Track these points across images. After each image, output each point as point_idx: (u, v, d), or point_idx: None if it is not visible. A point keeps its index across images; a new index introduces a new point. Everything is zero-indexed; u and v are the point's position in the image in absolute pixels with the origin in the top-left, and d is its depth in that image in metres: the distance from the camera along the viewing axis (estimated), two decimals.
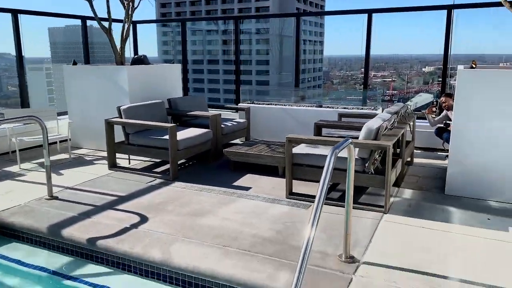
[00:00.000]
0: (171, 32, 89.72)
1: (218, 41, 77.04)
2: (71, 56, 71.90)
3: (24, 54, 6.58)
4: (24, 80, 6.63)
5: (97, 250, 3.23)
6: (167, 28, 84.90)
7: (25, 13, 6.49)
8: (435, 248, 3.09)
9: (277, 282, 2.64)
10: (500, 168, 4.00)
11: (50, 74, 23.62)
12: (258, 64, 74.83)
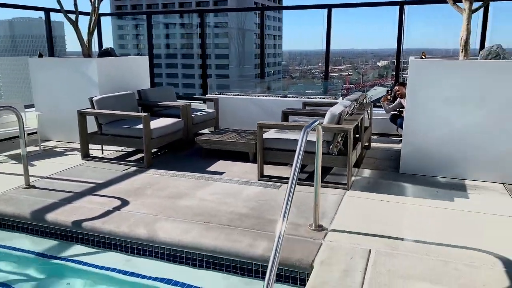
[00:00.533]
0: (127, 26, 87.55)
1: (176, 35, 76.17)
2: (19, 49, 67.67)
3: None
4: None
5: (82, 232, 3.41)
6: (123, 21, 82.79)
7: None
8: (391, 216, 3.52)
9: (256, 249, 2.95)
10: (446, 148, 4.50)
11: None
12: (217, 58, 74.67)
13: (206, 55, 7.97)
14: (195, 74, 76.35)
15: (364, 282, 2.52)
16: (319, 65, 54.98)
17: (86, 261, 3.22)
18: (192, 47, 76.76)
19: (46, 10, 7.25)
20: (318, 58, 62.01)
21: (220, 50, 74.06)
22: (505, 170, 4.34)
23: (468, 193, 4.07)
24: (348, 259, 2.79)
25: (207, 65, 8.00)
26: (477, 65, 4.43)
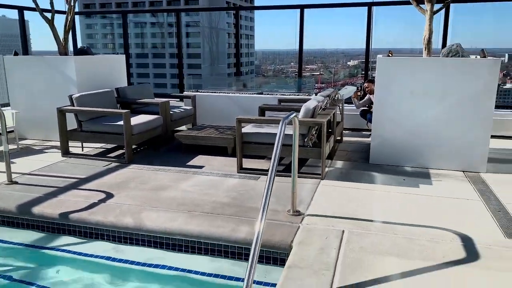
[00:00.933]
0: (95, 25, 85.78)
1: (147, 34, 75.30)
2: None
3: None
4: None
5: (69, 223, 3.53)
6: (92, 20, 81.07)
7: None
8: (362, 201, 3.80)
9: (239, 233, 3.16)
10: (412, 140, 4.85)
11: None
12: (189, 57, 74.26)
13: (181, 54, 8.11)
14: (166, 74, 75.69)
15: (338, 258, 2.78)
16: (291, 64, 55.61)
17: (74, 250, 3.36)
18: (164, 47, 76.14)
19: (20, 8, 7.21)
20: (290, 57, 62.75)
21: (192, 50, 73.75)
22: (464, 159, 4.72)
23: (431, 180, 4.41)
24: (323, 239, 3.04)
25: (183, 64, 8.13)
26: (439, 62, 4.79)
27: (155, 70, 74.25)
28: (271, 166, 2.71)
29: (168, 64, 76.97)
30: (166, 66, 76.78)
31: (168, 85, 67.71)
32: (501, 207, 3.67)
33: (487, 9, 13.20)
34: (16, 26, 7.48)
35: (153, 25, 75.00)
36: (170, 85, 67.56)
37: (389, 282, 2.50)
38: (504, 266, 2.68)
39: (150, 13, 73.96)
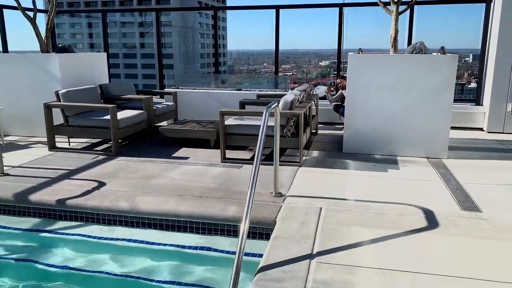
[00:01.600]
0: (63, 25, 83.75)
1: (116, 34, 74.31)
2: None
3: None
4: None
5: (66, 209, 3.76)
6: (60, 20, 79.11)
7: None
8: (337, 184, 4.19)
9: (228, 212, 3.48)
10: (381, 130, 5.29)
11: None
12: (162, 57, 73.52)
13: (162, 54, 8.34)
14: (138, 74, 74.84)
15: (317, 229, 3.14)
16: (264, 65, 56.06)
17: (73, 233, 3.59)
18: (135, 46, 75.29)
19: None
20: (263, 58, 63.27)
21: (165, 50, 73.22)
22: (428, 146, 5.19)
23: (399, 166, 4.86)
24: (303, 215, 3.40)
25: (164, 65, 8.36)
26: (404, 59, 5.25)
27: (125, 71, 73.36)
28: (257, 148, 3.04)
29: (139, 65, 76.14)
30: (137, 66, 75.94)
31: (139, 85, 66.95)
32: (459, 187, 4.14)
33: (450, 10, 13.78)
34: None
35: (123, 24, 74.10)
36: (142, 85, 66.82)
37: (362, 246, 2.87)
38: (459, 232, 3.11)
39: (120, 12, 73.04)
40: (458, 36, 19.74)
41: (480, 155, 5.36)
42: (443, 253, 2.80)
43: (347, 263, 2.65)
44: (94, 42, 75.36)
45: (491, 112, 6.70)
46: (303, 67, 66.84)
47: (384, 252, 2.81)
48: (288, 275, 2.51)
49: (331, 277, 2.48)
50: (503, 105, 6.62)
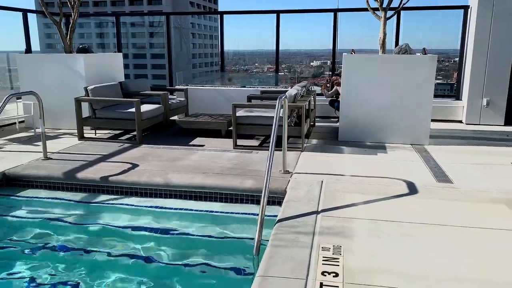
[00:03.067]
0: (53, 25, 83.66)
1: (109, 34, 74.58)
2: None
3: None
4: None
5: (109, 185, 4.48)
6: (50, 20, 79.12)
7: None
8: (334, 164, 4.97)
9: (246, 184, 4.24)
10: (372, 120, 6.07)
11: None
12: (153, 58, 74.11)
13: (170, 54, 9.07)
14: (130, 75, 75.05)
15: (320, 195, 3.91)
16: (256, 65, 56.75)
17: (116, 203, 4.32)
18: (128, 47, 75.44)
19: (24, 11, 7.94)
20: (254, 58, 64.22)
21: (156, 50, 73.58)
22: (412, 135, 5.99)
23: (387, 150, 5.65)
24: (308, 186, 4.17)
25: (168, 64, 9.10)
26: (392, 59, 6.05)
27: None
28: (273, 131, 3.81)
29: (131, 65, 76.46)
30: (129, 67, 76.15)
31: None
32: (436, 166, 4.94)
33: (434, 15, 14.53)
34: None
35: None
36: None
37: (356, 206, 3.65)
38: (434, 197, 3.90)
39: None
40: (445, 38, 20.49)
41: (457, 142, 6.18)
42: (421, 210, 3.59)
43: (345, 216, 3.42)
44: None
45: (469, 106, 7.54)
46: (294, 67, 67.84)
47: (373, 209, 3.59)
48: (301, 223, 3.28)
49: (333, 224, 3.26)
50: (479, 100, 7.46)
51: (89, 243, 3.57)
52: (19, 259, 3.30)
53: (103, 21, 70.20)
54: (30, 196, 4.50)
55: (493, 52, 7.22)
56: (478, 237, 3.08)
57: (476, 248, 2.92)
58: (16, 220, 4.06)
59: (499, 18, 7.09)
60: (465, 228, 3.22)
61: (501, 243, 3.01)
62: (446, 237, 3.08)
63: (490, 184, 4.24)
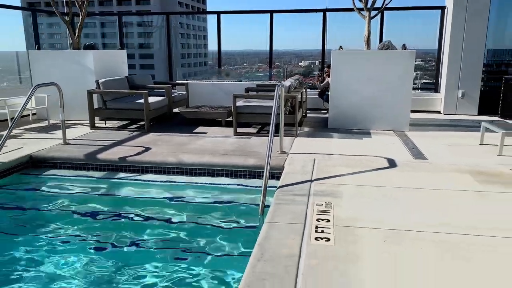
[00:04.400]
0: (41, 24, 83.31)
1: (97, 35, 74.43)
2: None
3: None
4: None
5: (127, 164, 5.07)
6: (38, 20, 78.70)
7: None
8: (325, 146, 5.62)
9: (249, 162, 4.87)
10: (358, 110, 6.74)
11: None
12: (141, 58, 74.13)
13: (171, 51, 9.65)
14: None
15: (313, 169, 4.55)
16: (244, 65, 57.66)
17: (134, 178, 4.91)
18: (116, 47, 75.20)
19: (33, 10, 8.45)
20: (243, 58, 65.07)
21: (145, 50, 73.61)
22: (394, 122, 6.67)
23: (371, 136, 6.33)
24: (303, 162, 4.81)
25: (168, 61, 9.67)
26: (375, 54, 6.72)
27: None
28: (272, 116, 4.44)
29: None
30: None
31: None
32: (414, 147, 5.62)
33: (414, 14, 15.37)
34: None
35: (103, 26, 74.32)
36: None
37: (343, 176, 4.30)
38: (410, 169, 4.57)
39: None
40: (426, 37, 21.40)
41: (434, 129, 6.89)
42: (398, 178, 4.26)
43: (334, 183, 4.08)
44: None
45: (446, 98, 8.28)
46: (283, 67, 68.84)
47: (357, 178, 4.25)
48: (298, 188, 3.92)
49: (324, 188, 3.90)
50: (455, 92, 8.19)
51: (114, 209, 4.16)
52: (52, 223, 3.87)
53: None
54: (57, 175, 5.07)
55: (467, 49, 7.96)
56: (444, 196, 3.75)
57: (442, 203, 3.59)
58: (47, 194, 4.62)
59: (472, 17, 7.83)
60: (434, 190, 3.89)
61: (462, 199, 3.68)
62: (417, 196, 3.75)
63: (458, 160, 4.93)
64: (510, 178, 4.25)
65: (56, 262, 3.20)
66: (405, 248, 2.79)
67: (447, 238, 2.93)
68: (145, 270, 3.06)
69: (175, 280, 2.93)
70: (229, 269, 3.02)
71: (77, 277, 2.97)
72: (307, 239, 2.88)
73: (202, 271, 3.03)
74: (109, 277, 2.98)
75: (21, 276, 3.01)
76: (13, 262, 3.19)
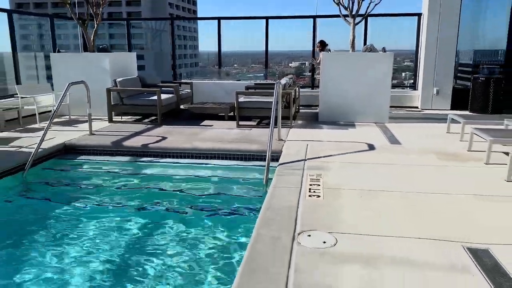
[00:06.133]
0: (29, 26, 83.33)
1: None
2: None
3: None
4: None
5: (148, 150, 5.98)
6: (25, 21, 78.74)
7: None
8: (315, 134, 6.59)
9: (252, 147, 5.81)
10: (344, 105, 7.73)
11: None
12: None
13: (174, 53, 10.54)
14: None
15: (307, 151, 5.51)
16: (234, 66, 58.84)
17: (157, 161, 5.83)
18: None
19: (51, 16, 9.29)
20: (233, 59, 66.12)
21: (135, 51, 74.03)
22: (375, 115, 7.67)
23: (355, 127, 7.32)
24: (298, 146, 5.77)
25: (172, 62, 10.56)
26: (359, 56, 7.71)
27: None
28: (273, 108, 5.39)
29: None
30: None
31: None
32: (391, 135, 6.62)
33: (395, 21, 16.49)
34: None
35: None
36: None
37: (332, 156, 5.27)
38: (386, 151, 5.56)
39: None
40: (406, 40, 22.25)
41: (410, 121, 7.90)
42: (376, 157, 5.24)
43: (323, 161, 5.04)
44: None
45: (423, 95, 9.31)
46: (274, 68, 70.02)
47: (343, 157, 5.22)
48: (294, 165, 4.88)
49: (316, 164, 4.87)
50: (430, 89, 9.23)
51: (142, 184, 5.09)
52: (91, 194, 4.78)
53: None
54: (89, 159, 5.96)
55: (441, 51, 9.00)
56: (412, 170, 4.74)
57: (408, 173, 4.57)
58: (83, 173, 5.52)
59: (444, 23, 8.87)
60: (403, 165, 4.88)
61: (424, 171, 4.67)
62: (389, 169, 4.73)
63: (427, 145, 5.94)
64: (464, 157, 5.26)
65: (96, 222, 4.07)
66: (375, 200, 3.76)
67: (409, 195, 3.90)
68: (170, 225, 3.97)
69: (199, 229, 3.85)
70: (241, 223, 3.96)
71: (116, 231, 3.87)
72: (303, 196, 3.84)
73: (219, 224, 3.95)
74: (141, 231, 3.89)
75: (69, 229, 3.91)
76: (60, 221, 4.10)
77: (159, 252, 3.44)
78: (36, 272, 3.18)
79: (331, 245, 2.91)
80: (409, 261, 2.72)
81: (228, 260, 3.26)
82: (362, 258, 2.74)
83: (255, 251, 2.83)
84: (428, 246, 2.92)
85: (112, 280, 3.11)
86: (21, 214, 4.38)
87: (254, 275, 2.53)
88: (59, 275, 3.14)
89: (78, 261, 3.34)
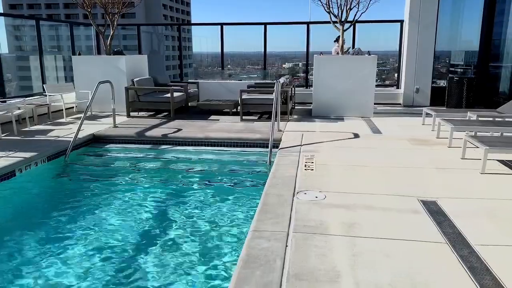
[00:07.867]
0: (23, 27, 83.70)
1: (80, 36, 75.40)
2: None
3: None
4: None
5: (167, 139, 7.00)
6: (20, 22, 79.16)
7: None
8: (309, 126, 7.65)
9: (256, 136, 6.87)
10: (334, 101, 8.80)
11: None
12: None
13: (181, 55, 11.56)
14: None
15: (302, 139, 6.57)
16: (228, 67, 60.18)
17: (176, 148, 6.86)
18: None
19: (70, 23, 10.27)
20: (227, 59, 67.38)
21: (130, 53, 74.75)
22: (361, 110, 8.75)
23: (344, 120, 8.39)
24: (294, 135, 6.83)
25: (180, 64, 11.55)
26: (348, 58, 8.80)
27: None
28: (274, 104, 6.44)
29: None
30: None
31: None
32: (374, 126, 7.70)
33: (380, 26, 17.67)
34: None
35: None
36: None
37: (323, 142, 6.34)
38: (369, 138, 6.63)
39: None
40: (392, 42, 23.29)
41: (392, 116, 9.00)
42: (360, 143, 6.31)
43: (317, 146, 6.11)
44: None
45: (405, 93, 10.42)
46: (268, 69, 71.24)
47: (333, 143, 6.29)
48: (292, 149, 5.94)
49: (310, 148, 5.93)
50: (412, 87, 10.34)
51: (166, 165, 6.12)
52: (122, 175, 5.80)
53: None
54: (116, 147, 6.98)
55: (420, 54, 10.11)
56: (388, 151, 5.81)
57: (385, 154, 5.64)
58: (112, 157, 6.53)
59: (423, 29, 9.99)
60: (382, 147, 5.95)
61: (398, 152, 5.74)
62: (370, 151, 5.80)
63: (403, 134, 7.02)
64: (432, 142, 6.36)
65: (131, 194, 5.09)
66: (357, 172, 4.82)
67: (383, 168, 4.98)
68: (188, 196, 5.00)
69: (211, 198, 4.88)
70: (250, 192, 5.00)
71: (148, 200, 4.90)
72: (300, 169, 4.90)
73: (236, 192, 5.00)
74: (168, 199, 4.92)
75: (108, 200, 4.93)
76: (99, 194, 5.12)
77: (195, 208, 4.49)
78: (81, 233, 4.15)
79: (321, 199, 3.97)
80: (378, 207, 3.78)
81: (248, 207, 4.36)
82: (344, 206, 3.81)
83: (266, 202, 3.88)
84: (393, 199, 3.99)
85: (156, 229, 4.14)
86: (67, 189, 5.40)
87: (267, 214, 3.58)
88: (104, 233, 4.13)
89: (122, 219, 4.37)
